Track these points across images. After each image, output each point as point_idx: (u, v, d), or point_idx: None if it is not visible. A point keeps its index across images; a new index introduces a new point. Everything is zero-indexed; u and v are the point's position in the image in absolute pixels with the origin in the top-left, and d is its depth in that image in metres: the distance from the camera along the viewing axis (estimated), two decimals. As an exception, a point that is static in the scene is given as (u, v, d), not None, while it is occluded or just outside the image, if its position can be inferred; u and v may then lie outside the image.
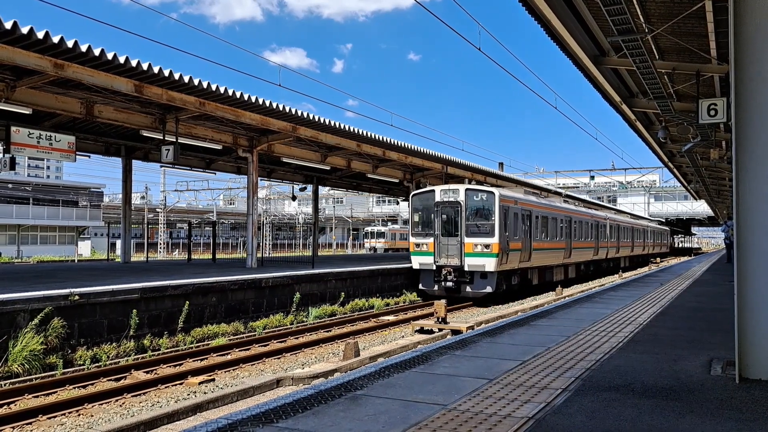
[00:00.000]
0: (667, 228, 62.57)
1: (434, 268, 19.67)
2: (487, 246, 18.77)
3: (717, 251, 74.88)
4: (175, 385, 9.23)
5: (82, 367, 9.98)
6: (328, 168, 25.40)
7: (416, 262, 20.23)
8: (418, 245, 20.18)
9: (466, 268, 19.08)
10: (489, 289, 18.92)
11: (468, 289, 19.14)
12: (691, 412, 4.01)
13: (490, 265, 18.70)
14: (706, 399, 4.32)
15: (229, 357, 11.25)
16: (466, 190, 19.60)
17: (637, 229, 44.71)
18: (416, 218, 20.61)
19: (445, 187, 20.31)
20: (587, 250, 30.30)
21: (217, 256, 29.76)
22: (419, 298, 20.38)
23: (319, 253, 26.71)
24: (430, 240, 19.82)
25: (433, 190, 20.10)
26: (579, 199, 42.10)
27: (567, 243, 26.22)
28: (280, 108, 15.31)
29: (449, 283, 19.22)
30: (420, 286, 20.27)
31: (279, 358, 11.37)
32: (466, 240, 19.13)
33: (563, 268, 26.49)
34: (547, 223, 23.84)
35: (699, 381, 4.87)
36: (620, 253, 38.17)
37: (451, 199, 19.57)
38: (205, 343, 12.36)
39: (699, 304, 10.99)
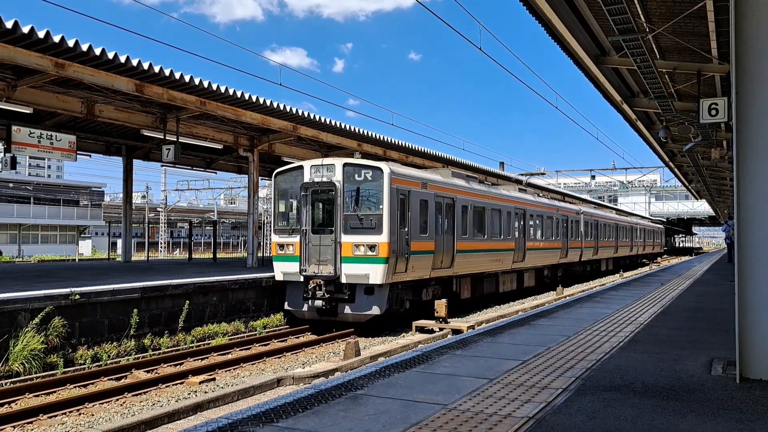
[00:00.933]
0: (660, 225, 57.60)
1: (302, 279, 13.89)
2: (371, 247, 13.17)
3: (718, 251, 74.92)
4: (176, 384, 9.24)
5: (82, 367, 9.99)
6: (328, 167, 25.37)
7: (279, 270, 14.34)
8: (281, 246, 14.33)
9: (343, 280, 13.43)
10: (376, 311, 13.34)
11: (347, 309, 13.50)
12: (692, 411, 4.00)
13: (376, 274, 13.10)
14: (706, 399, 4.31)
15: (229, 356, 11.27)
16: (345, 165, 13.86)
17: (623, 226, 38.45)
18: (281, 207, 15.19)
19: (317, 162, 14.32)
20: (551, 251, 24.57)
21: (218, 255, 29.79)
22: (287, 325, 14.46)
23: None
24: (297, 239, 14.05)
25: (302, 167, 14.37)
26: (545, 188, 35.94)
27: (518, 242, 20.71)
28: (281, 107, 15.31)
29: (319, 302, 13.43)
30: (286, 306, 14.40)
31: (279, 358, 11.37)
32: (344, 238, 13.47)
33: (514, 275, 20.98)
34: (484, 216, 18.24)
35: (700, 381, 4.87)
36: (599, 254, 32.50)
37: (325, 180, 13.85)
38: (206, 342, 12.37)
39: (699, 304, 10.99)
